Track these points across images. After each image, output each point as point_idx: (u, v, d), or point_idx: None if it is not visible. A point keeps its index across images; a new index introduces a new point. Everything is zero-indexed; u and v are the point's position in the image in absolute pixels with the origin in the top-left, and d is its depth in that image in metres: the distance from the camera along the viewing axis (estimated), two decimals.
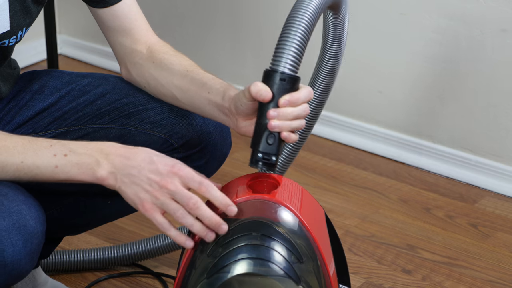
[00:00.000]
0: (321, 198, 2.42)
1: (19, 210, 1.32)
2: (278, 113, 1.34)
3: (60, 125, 1.67)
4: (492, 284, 2.10)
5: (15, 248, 1.31)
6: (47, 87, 1.69)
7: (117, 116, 1.66)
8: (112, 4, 1.62)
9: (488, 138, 2.51)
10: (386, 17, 2.58)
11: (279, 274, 1.27)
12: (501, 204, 2.44)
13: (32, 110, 1.67)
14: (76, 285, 1.99)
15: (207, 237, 1.30)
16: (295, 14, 1.37)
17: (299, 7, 1.39)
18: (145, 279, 2.03)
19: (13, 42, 1.54)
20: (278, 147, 1.35)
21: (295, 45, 1.34)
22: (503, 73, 2.44)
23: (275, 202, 1.33)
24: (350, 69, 2.70)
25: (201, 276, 1.30)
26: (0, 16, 1.47)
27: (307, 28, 1.36)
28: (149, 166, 1.35)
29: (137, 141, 1.66)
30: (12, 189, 1.35)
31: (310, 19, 1.37)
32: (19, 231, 1.31)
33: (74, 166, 1.35)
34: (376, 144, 2.70)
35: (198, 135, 1.66)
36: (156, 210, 1.34)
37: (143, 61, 1.64)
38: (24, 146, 1.36)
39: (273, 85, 1.34)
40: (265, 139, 1.34)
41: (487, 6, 2.40)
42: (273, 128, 1.34)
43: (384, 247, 2.23)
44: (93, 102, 1.67)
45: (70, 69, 3.18)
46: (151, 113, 1.66)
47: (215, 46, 2.96)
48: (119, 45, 1.66)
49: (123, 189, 1.35)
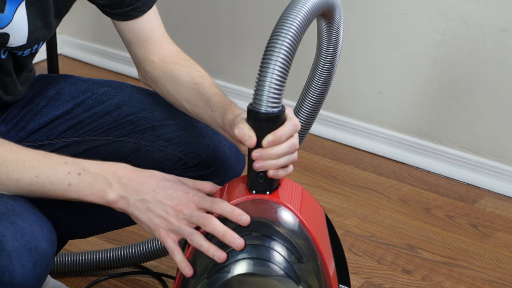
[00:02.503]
0: (321, 198, 2.42)
1: (32, 231, 1.31)
2: (261, 153, 1.32)
3: (74, 134, 1.67)
4: (492, 284, 2.10)
5: (25, 269, 1.30)
6: (63, 94, 1.68)
7: (132, 130, 1.66)
8: (135, 18, 1.62)
9: (488, 138, 2.51)
10: (386, 17, 2.58)
11: (279, 274, 1.27)
12: (501, 204, 2.44)
13: (46, 117, 1.67)
14: (76, 285, 1.99)
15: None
16: (275, 37, 1.29)
17: (280, 27, 1.30)
18: (145, 279, 2.03)
19: (27, 54, 1.54)
20: (270, 184, 1.35)
21: (276, 77, 1.28)
22: (503, 73, 2.44)
23: (275, 202, 1.33)
24: (350, 69, 2.70)
25: (201, 276, 1.30)
26: (19, 31, 1.47)
27: (290, 50, 1.29)
28: (163, 192, 1.35)
29: (151, 157, 1.65)
30: (25, 208, 1.34)
31: (293, 39, 1.29)
32: (30, 252, 1.31)
33: (87, 187, 1.35)
34: (376, 144, 2.70)
35: (213, 155, 1.66)
36: (170, 235, 1.35)
37: (155, 71, 1.64)
38: (40, 161, 1.35)
39: (256, 125, 1.31)
40: (256, 178, 1.34)
41: (487, 6, 2.40)
42: (257, 169, 1.32)
43: (384, 247, 2.23)
44: (109, 113, 1.67)
45: (70, 70, 3.20)
46: (167, 130, 1.66)
47: (215, 46, 2.96)
48: (133, 54, 1.67)
49: (137, 215, 1.36)
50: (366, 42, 2.65)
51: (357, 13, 2.62)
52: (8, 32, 1.46)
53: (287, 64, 1.29)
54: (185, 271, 1.32)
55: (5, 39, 1.47)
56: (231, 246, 1.29)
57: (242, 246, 1.29)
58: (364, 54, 2.67)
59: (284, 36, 1.29)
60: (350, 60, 2.69)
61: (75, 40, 3.31)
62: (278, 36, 1.29)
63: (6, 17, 1.44)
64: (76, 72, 3.16)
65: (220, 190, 1.40)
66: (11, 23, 1.45)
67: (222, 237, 1.30)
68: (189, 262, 1.32)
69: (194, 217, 1.33)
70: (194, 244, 1.32)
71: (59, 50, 3.23)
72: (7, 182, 1.34)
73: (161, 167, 1.67)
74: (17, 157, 1.34)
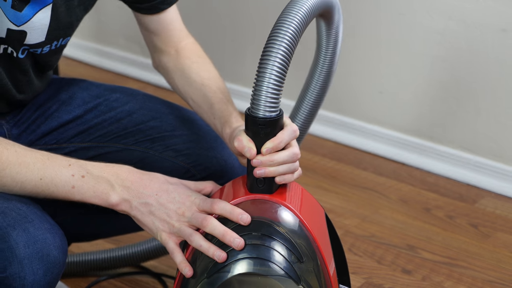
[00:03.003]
0: (321, 198, 2.42)
1: (44, 239, 1.32)
2: (261, 160, 1.33)
3: (83, 140, 1.67)
4: (492, 284, 2.10)
5: (36, 277, 1.31)
6: (75, 99, 1.69)
7: (142, 138, 1.66)
8: (162, 11, 1.63)
9: (488, 138, 2.51)
10: (386, 17, 2.58)
11: (279, 274, 1.27)
12: (501, 204, 2.44)
13: (57, 121, 1.67)
14: (76, 285, 1.99)
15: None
16: (272, 40, 1.29)
17: (277, 30, 1.29)
18: (145, 279, 2.03)
19: (47, 50, 1.54)
20: (270, 187, 1.35)
21: (273, 81, 1.28)
22: (503, 73, 2.44)
23: (275, 202, 1.33)
24: (350, 69, 2.70)
25: (201, 276, 1.30)
26: (38, 29, 1.48)
27: (287, 54, 1.28)
28: (166, 196, 1.36)
29: (159, 167, 1.65)
30: (38, 215, 1.35)
31: (291, 42, 1.28)
32: (42, 260, 1.31)
33: (90, 189, 1.36)
34: (376, 144, 2.70)
35: (221, 169, 1.66)
36: (172, 237, 1.35)
37: (169, 63, 1.66)
38: (44, 163, 1.36)
39: (254, 131, 1.32)
40: (255, 183, 1.35)
41: (487, 6, 2.40)
42: (259, 176, 1.33)
43: (384, 247, 2.23)
44: (119, 120, 1.67)
45: (70, 70, 3.20)
46: (176, 141, 1.66)
47: (215, 46, 2.96)
48: (150, 42, 1.69)
49: (139, 217, 1.37)
50: (366, 42, 2.65)
51: (357, 13, 2.62)
52: (25, 30, 1.46)
53: (284, 67, 1.29)
54: (185, 272, 1.32)
55: (22, 36, 1.47)
56: (231, 246, 1.29)
57: (242, 245, 1.29)
58: (364, 54, 2.67)
59: (281, 39, 1.28)
60: (350, 60, 2.69)
61: (75, 40, 3.31)
62: (275, 39, 1.28)
63: (24, 15, 1.45)
64: (76, 72, 3.16)
65: (220, 190, 1.41)
66: (29, 22, 1.46)
67: (221, 237, 1.30)
68: (189, 262, 1.32)
69: (193, 219, 1.34)
70: (193, 244, 1.32)
71: None
72: (12, 184, 1.35)
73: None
74: (22, 159, 1.35)
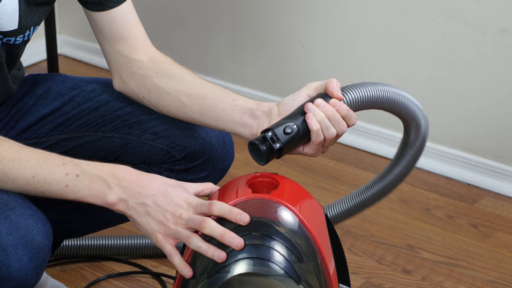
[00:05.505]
0: (321, 198, 2.42)
1: (26, 224, 1.32)
2: (325, 105, 1.42)
3: (62, 131, 1.67)
4: (492, 284, 2.10)
5: (22, 263, 1.31)
6: (51, 92, 1.69)
7: (120, 124, 1.66)
8: (110, 8, 1.58)
9: (488, 138, 2.51)
10: (386, 17, 2.58)
11: (280, 273, 1.27)
12: (501, 204, 2.44)
13: (35, 116, 1.67)
14: (76, 285, 1.99)
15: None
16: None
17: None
18: (145, 279, 2.03)
19: (20, 41, 1.54)
20: (289, 140, 1.36)
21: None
22: (503, 73, 2.44)
23: (275, 202, 1.33)
24: (350, 69, 2.70)
25: (201, 276, 1.30)
26: (10, 14, 1.47)
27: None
28: (163, 198, 1.35)
29: (139, 151, 1.65)
30: (19, 202, 1.35)
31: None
32: (26, 246, 1.31)
33: (85, 188, 1.36)
34: (376, 144, 2.70)
35: (200, 147, 1.66)
36: (168, 240, 1.35)
37: (144, 71, 1.60)
38: (38, 161, 1.35)
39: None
40: (284, 126, 1.35)
41: (487, 6, 2.40)
42: (308, 110, 1.39)
43: (384, 247, 2.22)
44: (97, 109, 1.67)
45: (70, 70, 3.20)
46: (153, 124, 1.66)
47: (216, 47, 2.96)
48: (116, 54, 1.61)
49: (135, 218, 1.36)
50: (366, 42, 2.65)
51: (357, 13, 2.62)
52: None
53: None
54: (184, 273, 1.32)
55: None
56: (231, 246, 1.29)
57: (241, 245, 1.29)
58: (364, 54, 2.67)
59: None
60: (350, 60, 2.69)
61: (75, 40, 3.31)
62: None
63: None
64: (76, 72, 3.16)
65: (219, 191, 1.40)
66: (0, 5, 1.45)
67: (220, 238, 1.30)
68: (188, 263, 1.32)
69: (191, 221, 1.33)
70: (192, 246, 1.32)
71: (59, 50, 3.23)
72: (4, 180, 1.35)
73: (149, 161, 1.68)
74: (15, 156, 1.35)
